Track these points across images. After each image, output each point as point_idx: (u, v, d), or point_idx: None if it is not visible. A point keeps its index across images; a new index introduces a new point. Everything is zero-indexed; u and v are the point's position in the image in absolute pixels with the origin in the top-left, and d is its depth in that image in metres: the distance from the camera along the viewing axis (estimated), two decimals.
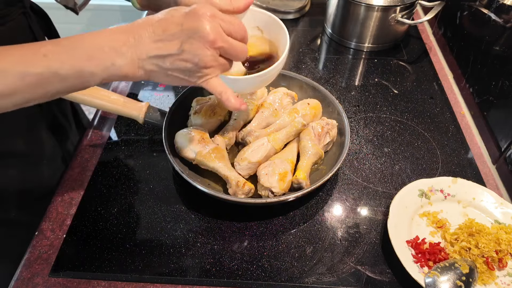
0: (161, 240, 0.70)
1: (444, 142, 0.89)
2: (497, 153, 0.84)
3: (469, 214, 0.73)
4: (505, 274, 0.65)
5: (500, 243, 0.65)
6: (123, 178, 0.79)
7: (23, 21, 0.74)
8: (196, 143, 0.74)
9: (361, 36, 1.13)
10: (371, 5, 1.05)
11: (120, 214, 0.73)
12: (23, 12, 0.73)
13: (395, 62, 1.12)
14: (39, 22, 0.80)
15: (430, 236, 0.70)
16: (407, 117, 0.95)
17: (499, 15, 0.89)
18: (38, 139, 0.80)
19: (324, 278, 0.65)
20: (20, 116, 0.55)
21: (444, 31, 1.17)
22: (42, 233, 0.71)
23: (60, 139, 0.87)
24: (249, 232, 0.71)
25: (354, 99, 1.00)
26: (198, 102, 0.83)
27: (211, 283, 0.65)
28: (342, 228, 0.72)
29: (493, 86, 0.89)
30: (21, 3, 0.72)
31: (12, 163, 0.75)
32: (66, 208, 0.75)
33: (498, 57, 0.89)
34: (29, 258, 0.68)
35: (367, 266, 0.67)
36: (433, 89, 1.03)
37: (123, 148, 0.85)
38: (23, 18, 0.74)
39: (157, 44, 0.49)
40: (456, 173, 0.82)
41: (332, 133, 0.79)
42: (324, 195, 0.78)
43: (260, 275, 0.65)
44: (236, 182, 0.70)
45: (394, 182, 0.80)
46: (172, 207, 0.75)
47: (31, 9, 0.77)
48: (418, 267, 0.64)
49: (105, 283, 0.65)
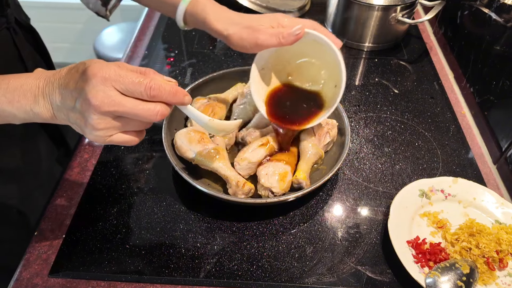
0: (161, 240, 0.70)
1: (445, 142, 0.89)
2: (498, 153, 0.84)
3: (470, 214, 0.73)
4: (505, 275, 0.64)
5: (500, 243, 0.65)
6: (122, 178, 0.79)
7: (7, 37, 0.72)
8: (196, 143, 0.74)
9: (362, 35, 1.12)
10: (372, 5, 1.05)
11: (119, 214, 0.73)
12: (7, 27, 0.72)
13: (396, 62, 1.12)
14: (25, 37, 0.78)
15: (430, 236, 0.70)
16: (407, 117, 0.94)
17: (500, 14, 0.89)
18: (34, 140, 0.80)
19: (324, 278, 0.65)
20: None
21: (444, 30, 1.17)
22: (41, 233, 0.71)
23: (58, 139, 0.87)
24: (249, 232, 0.71)
25: (354, 98, 1.00)
26: (198, 102, 0.83)
27: (211, 283, 0.65)
28: (342, 228, 0.72)
29: (494, 85, 0.88)
30: (4, 18, 0.71)
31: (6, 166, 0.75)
32: (66, 208, 0.75)
33: (498, 56, 0.89)
34: (29, 258, 0.68)
35: (368, 266, 0.67)
36: (433, 88, 1.03)
37: (122, 148, 0.85)
38: (6, 33, 0.72)
39: (61, 96, 0.50)
40: (457, 173, 0.82)
41: (332, 133, 0.79)
42: (324, 195, 0.78)
43: (260, 276, 0.65)
44: (236, 182, 0.70)
45: (395, 182, 0.80)
46: (172, 207, 0.74)
47: (16, 24, 0.75)
48: (418, 267, 0.64)
49: (104, 283, 0.64)
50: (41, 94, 0.50)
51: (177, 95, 0.52)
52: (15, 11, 0.77)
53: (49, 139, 0.85)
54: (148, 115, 0.50)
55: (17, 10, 0.80)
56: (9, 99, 0.50)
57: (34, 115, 0.51)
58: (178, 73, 1.05)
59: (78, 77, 0.48)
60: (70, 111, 0.50)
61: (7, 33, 0.72)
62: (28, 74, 0.52)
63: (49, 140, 0.84)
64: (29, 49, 0.79)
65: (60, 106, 0.50)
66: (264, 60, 0.74)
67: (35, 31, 0.85)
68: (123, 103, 0.48)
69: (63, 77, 0.50)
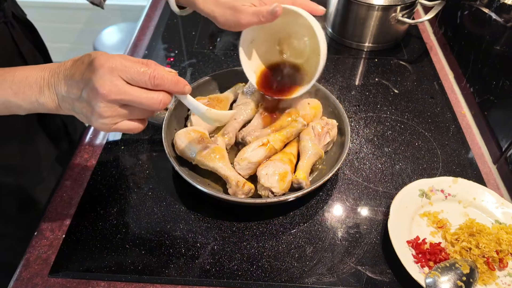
0: (160, 240, 0.70)
1: (445, 142, 0.89)
2: (498, 153, 0.84)
3: (470, 214, 0.73)
4: (505, 274, 0.64)
5: (500, 243, 0.65)
6: (122, 178, 0.79)
7: (4, 31, 0.73)
8: (196, 143, 0.74)
9: (362, 35, 1.12)
10: (372, 5, 1.05)
11: (119, 214, 0.73)
12: (4, 22, 0.72)
13: (396, 62, 1.12)
14: (23, 32, 0.79)
15: (430, 236, 0.70)
16: (407, 117, 0.94)
17: (500, 14, 0.89)
18: (36, 143, 0.80)
19: (324, 278, 0.65)
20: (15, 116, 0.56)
21: (444, 30, 1.17)
22: (41, 233, 0.71)
23: (57, 138, 0.87)
24: (249, 232, 0.71)
25: (354, 98, 1.00)
26: (198, 101, 0.83)
27: (211, 283, 0.65)
28: (342, 228, 0.72)
29: (494, 85, 0.88)
30: (1, 12, 0.71)
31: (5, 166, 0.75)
32: (66, 208, 0.75)
33: (498, 56, 0.89)
34: (29, 258, 0.68)
35: (368, 266, 0.67)
36: (433, 88, 1.03)
37: (122, 148, 0.85)
38: (4, 28, 0.73)
39: (67, 87, 0.51)
40: (457, 173, 0.82)
41: (332, 133, 0.79)
42: (324, 195, 0.78)
43: (260, 276, 0.65)
44: (236, 182, 0.70)
45: (395, 182, 0.80)
46: (172, 207, 0.74)
47: (14, 18, 0.76)
48: (418, 267, 0.64)
49: (104, 283, 0.64)
50: (47, 85, 0.52)
51: (179, 84, 0.55)
52: (12, 5, 0.77)
53: (49, 139, 0.85)
54: (152, 103, 0.52)
55: (14, 4, 0.80)
56: (15, 91, 0.52)
57: (39, 105, 0.53)
58: (178, 73, 1.04)
59: (84, 68, 0.50)
60: (75, 101, 0.51)
61: (5, 27, 0.72)
62: (33, 66, 0.53)
63: (49, 140, 0.84)
64: (28, 45, 0.79)
65: (65, 96, 0.52)
66: (252, 33, 0.76)
67: (32, 26, 0.85)
68: (129, 92, 0.50)
69: (68, 68, 0.52)
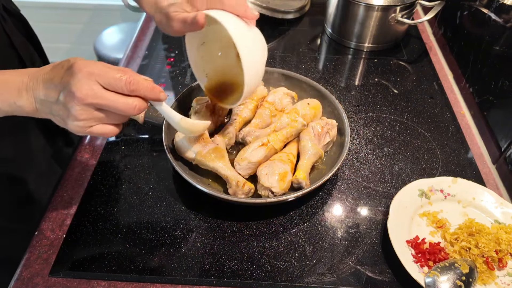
0: (161, 240, 0.70)
1: (444, 142, 0.89)
2: (497, 153, 0.84)
3: (469, 214, 0.73)
4: (505, 274, 0.65)
5: (500, 243, 0.65)
6: (123, 178, 0.79)
7: None
8: (196, 143, 0.74)
9: (361, 36, 1.13)
10: (371, 5, 1.05)
11: (120, 214, 0.73)
12: None
13: (395, 62, 1.12)
14: (15, 24, 0.79)
15: (430, 236, 0.70)
16: (407, 117, 0.95)
17: (499, 15, 0.89)
18: (30, 140, 0.80)
19: (324, 278, 0.65)
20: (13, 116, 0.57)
21: (444, 31, 1.17)
22: (42, 233, 0.71)
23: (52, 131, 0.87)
24: (249, 232, 0.71)
25: (354, 99, 1.00)
26: (198, 102, 0.83)
27: (211, 283, 0.65)
28: (342, 228, 0.72)
29: (493, 86, 0.88)
30: None
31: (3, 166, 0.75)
32: (66, 208, 0.75)
33: (498, 57, 0.89)
34: (29, 258, 0.68)
35: (367, 266, 0.67)
36: (433, 89, 1.03)
37: (123, 148, 0.85)
38: None
39: (45, 90, 0.53)
40: (456, 173, 0.82)
41: (332, 133, 0.79)
42: (324, 195, 0.78)
43: (260, 275, 0.65)
44: (236, 182, 0.70)
45: (394, 182, 0.80)
46: (172, 207, 0.75)
47: (5, 11, 0.76)
48: (418, 267, 0.64)
49: (105, 283, 0.65)
50: (25, 89, 0.53)
51: (154, 90, 0.56)
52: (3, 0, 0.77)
53: (49, 138, 0.85)
54: (127, 109, 0.53)
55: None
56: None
57: (17, 107, 0.54)
58: (178, 73, 1.05)
59: (63, 72, 0.52)
60: (53, 104, 0.52)
61: None
62: (13, 71, 0.55)
63: (45, 133, 0.84)
64: (20, 38, 0.79)
65: (43, 99, 0.53)
66: (201, 36, 0.71)
67: (25, 20, 0.85)
68: (105, 96, 0.52)
69: (47, 72, 0.53)
